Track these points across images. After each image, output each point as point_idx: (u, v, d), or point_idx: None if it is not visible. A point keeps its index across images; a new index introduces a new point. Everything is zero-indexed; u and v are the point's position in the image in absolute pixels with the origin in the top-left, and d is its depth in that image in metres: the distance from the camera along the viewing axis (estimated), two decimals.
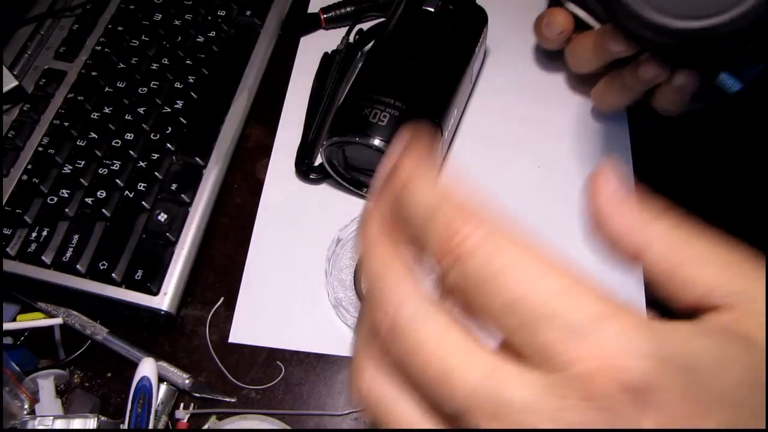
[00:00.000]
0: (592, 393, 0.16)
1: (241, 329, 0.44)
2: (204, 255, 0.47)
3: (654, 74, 0.43)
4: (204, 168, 0.49)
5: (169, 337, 0.44)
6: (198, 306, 0.46)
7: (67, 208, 0.46)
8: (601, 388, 0.16)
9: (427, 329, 0.18)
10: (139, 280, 0.43)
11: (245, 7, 0.57)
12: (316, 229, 0.48)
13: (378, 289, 0.20)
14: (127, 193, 0.47)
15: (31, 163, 0.48)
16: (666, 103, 0.45)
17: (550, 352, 0.17)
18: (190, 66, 0.53)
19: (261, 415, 0.41)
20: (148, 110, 0.51)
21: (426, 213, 0.19)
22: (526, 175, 0.50)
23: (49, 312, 0.44)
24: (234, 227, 0.49)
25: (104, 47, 0.54)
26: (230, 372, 0.43)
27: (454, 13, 0.48)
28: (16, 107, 0.51)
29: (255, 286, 0.46)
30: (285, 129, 0.53)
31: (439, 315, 0.19)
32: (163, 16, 0.56)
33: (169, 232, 0.45)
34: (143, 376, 0.39)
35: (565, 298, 0.17)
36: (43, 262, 0.44)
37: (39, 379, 0.41)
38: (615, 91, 0.47)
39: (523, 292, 0.17)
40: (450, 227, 0.19)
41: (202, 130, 0.50)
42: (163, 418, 0.41)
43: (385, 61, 0.47)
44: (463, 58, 0.48)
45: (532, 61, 0.56)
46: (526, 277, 0.18)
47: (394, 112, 0.43)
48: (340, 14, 0.58)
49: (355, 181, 0.48)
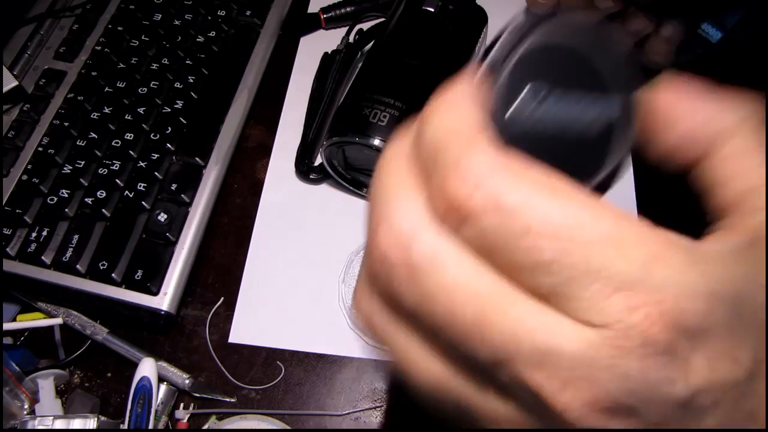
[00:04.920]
0: (649, 339, 0.15)
1: (241, 329, 0.44)
2: (204, 255, 0.47)
3: (640, 27, 0.45)
4: (204, 168, 0.49)
5: (169, 337, 0.44)
6: (198, 306, 0.46)
7: (67, 208, 0.46)
8: (658, 333, 0.15)
9: (452, 269, 0.16)
10: (139, 280, 0.43)
11: (245, 7, 0.57)
12: (315, 229, 0.48)
13: (386, 213, 0.17)
14: (127, 193, 0.47)
15: (31, 163, 0.48)
16: (654, 56, 0.47)
17: (601, 305, 0.16)
18: (190, 66, 0.53)
19: (261, 415, 0.41)
20: (148, 110, 0.51)
21: (435, 144, 0.17)
22: None
23: (49, 312, 0.44)
24: (234, 227, 0.49)
25: (104, 47, 0.54)
26: (230, 372, 0.43)
27: (454, 13, 0.48)
28: (16, 107, 0.51)
29: (255, 286, 0.46)
30: (285, 129, 0.53)
31: (464, 249, 0.16)
32: (163, 16, 0.56)
33: (169, 232, 0.45)
34: (143, 376, 0.39)
35: (607, 245, 0.16)
36: (43, 262, 0.44)
37: (39, 379, 0.41)
38: None
39: (560, 247, 0.16)
40: (458, 167, 0.16)
41: (202, 130, 0.50)
42: (163, 418, 0.41)
43: (385, 61, 0.47)
44: (463, 58, 0.48)
45: None
46: (559, 229, 0.16)
47: (394, 112, 0.43)
48: (340, 14, 0.58)
49: (355, 181, 0.48)
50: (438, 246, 0.17)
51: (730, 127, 0.20)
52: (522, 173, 0.16)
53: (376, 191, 0.18)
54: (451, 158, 0.17)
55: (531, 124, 0.21)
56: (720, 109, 0.20)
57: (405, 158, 0.18)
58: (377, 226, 0.17)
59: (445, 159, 0.17)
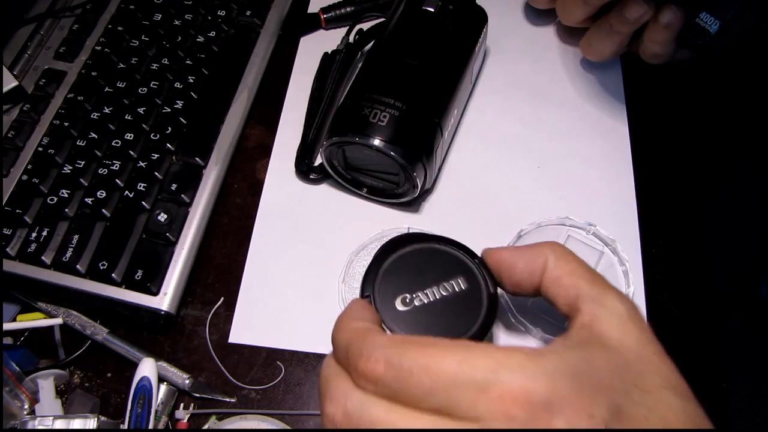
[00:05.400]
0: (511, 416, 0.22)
1: (241, 329, 0.44)
2: (204, 255, 0.47)
3: (640, 13, 0.45)
4: (204, 168, 0.49)
5: (169, 337, 0.44)
6: (198, 306, 0.46)
7: (67, 208, 0.46)
8: (516, 410, 0.22)
9: (374, 412, 0.24)
10: (139, 280, 0.43)
11: (245, 7, 0.57)
12: (315, 229, 0.48)
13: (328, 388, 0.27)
14: (127, 193, 0.47)
15: (31, 163, 0.48)
16: (653, 45, 0.47)
17: (473, 406, 0.22)
18: (190, 66, 0.53)
19: (261, 415, 0.41)
20: (148, 110, 0.51)
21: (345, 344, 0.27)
22: (526, 175, 0.50)
23: (49, 312, 0.44)
24: (234, 227, 0.49)
25: (104, 47, 0.54)
26: (230, 372, 0.43)
27: (454, 13, 0.48)
28: (16, 107, 0.51)
29: (255, 286, 0.46)
30: (285, 129, 0.53)
31: (380, 399, 0.25)
32: (163, 16, 0.56)
33: (169, 232, 0.45)
34: (143, 376, 0.39)
35: (465, 364, 0.23)
36: (43, 262, 0.44)
37: (39, 379, 0.41)
38: (602, 37, 0.50)
39: (434, 377, 0.23)
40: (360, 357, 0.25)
41: (202, 130, 0.50)
42: (163, 418, 0.41)
43: (385, 61, 0.47)
44: (463, 58, 0.48)
45: (532, 61, 0.56)
46: (429, 369, 0.24)
47: (394, 112, 0.43)
48: (340, 14, 0.58)
49: (355, 181, 0.48)
50: (362, 400, 0.25)
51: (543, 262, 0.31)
52: (402, 342, 0.25)
53: (321, 380, 0.28)
54: (355, 350, 0.26)
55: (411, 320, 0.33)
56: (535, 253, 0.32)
57: (332, 361, 0.28)
58: (324, 400, 0.27)
59: (352, 351, 0.26)
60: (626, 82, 0.55)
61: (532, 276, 0.31)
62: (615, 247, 0.45)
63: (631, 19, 0.46)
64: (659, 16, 0.45)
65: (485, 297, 0.33)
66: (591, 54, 0.52)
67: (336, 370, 0.28)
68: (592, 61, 0.54)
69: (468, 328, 0.33)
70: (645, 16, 0.45)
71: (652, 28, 0.46)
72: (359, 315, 0.30)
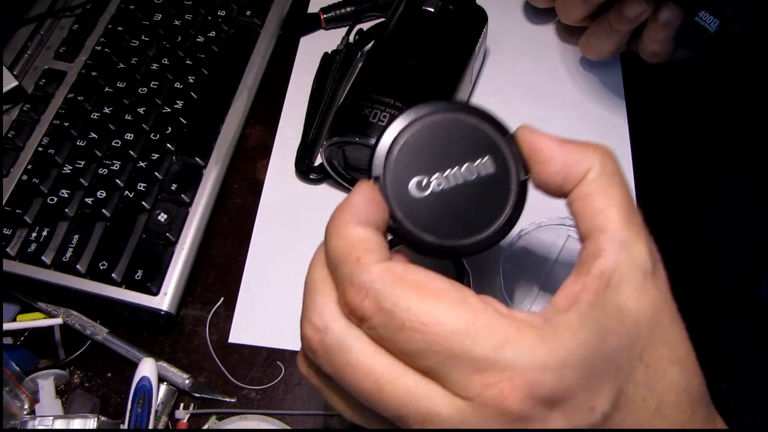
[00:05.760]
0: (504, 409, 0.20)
1: (241, 329, 0.44)
2: (204, 255, 0.47)
3: (639, 11, 0.45)
4: (204, 168, 0.49)
5: (169, 337, 0.44)
6: (198, 306, 0.46)
7: (67, 208, 0.46)
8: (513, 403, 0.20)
9: (355, 351, 0.22)
10: (139, 280, 0.43)
11: (245, 7, 0.57)
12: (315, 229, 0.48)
13: (311, 303, 0.24)
14: (127, 193, 0.47)
15: (31, 163, 0.48)
16: (653, 44, 0.47)
17: (465, 383, 0.20)
18: (190, 66, 0.53)
19: (261, 415, 0.41)
20: (148, 110, 0.51)
21: (335, 260, 0.24)
22: None
23: (49, 312, 0.44)
24: (234, 227, 0.49)
25: (104, 47, 0.54)
26: (230, 372, 0.43)
27: (454, 13, 0.48)
28: (16, 107, 0.51)
29: (255, 286, 0.46)
30: (285, 129, 0.53)
31: (365, 337, 0.22)
32: (163, 16, 0.56)
33: (169, 232, 0.45)
34: (143, 376, 0.39)
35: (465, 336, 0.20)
36: (43, 262, 0.44)
37: (39, 379, 0.41)
38: (601, 36, 0.50)
39: (427, 339, 0.21)
40: (352, 281, 0.22)
41: (202, 130, 0.50)
42: (163, 418, 0.41)
43: (385, 61, 0.47)
44: (462, 58, 0.48)
45: (532, 61, 0.56)
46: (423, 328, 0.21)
47: (394, 112, 0.43)
48: (340, 14, 0.58)
49: (354, 181, 0.48)
50: (344, 335, 0.22)
51: (585, 171, 0.25)
52: (399, 281, 0.22)
53: (306, 284, 0.25)
54: (346, 273, 0.23)
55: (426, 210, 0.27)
56: (583, 154, 0.26)
57: (322, 263, 0.25)
58: (303, 316, 0.24)
59: (342, 273, 0.23)
60: (626, 82, 0.55)
61: (565, 181, 0.26)
62: None
63: (630, 18, 0.46)
64: (658, 14, 0.45)
65: (514, 184, 0.28)
66: (590, 53, 0.52)
67: (323, 278, 0.24)
68: (591, 60, 0.54)
69: (491, 221, 0.27)
70: (644, 15, 0.45)
71: (651, 26, 0.46)
72: (361, 213, 0.25)
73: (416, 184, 0.27)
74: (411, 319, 0.21)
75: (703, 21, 0.44)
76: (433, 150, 0.28)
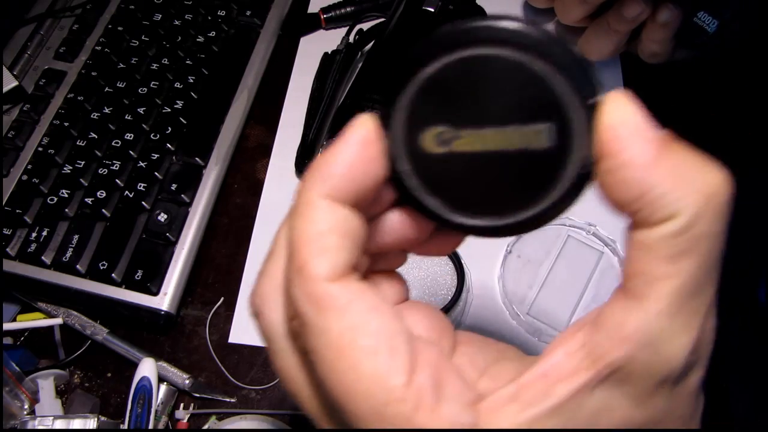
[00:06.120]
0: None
1: (241, 329, 0.44)
2: (204, 255, 0.47)
3: (638, 11, 0.45)
4: (204, 168, 0.49)
5: (169, 337, 0.44)
6: (198, 306, 0.46)
7: (67, 208, 0.46)
8: None
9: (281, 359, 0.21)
10: (139, 280, 0.43)
11: (245, 7, 0.57)
12: None
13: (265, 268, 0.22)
14: (127, 193, 0.47)
15: (31, 163, 0.48)
16: (652, 44, 0.47)
17: None
18: (190, 66, 0.53)
19: (261, 415, 0.41)
20: (148, 110, 0.51)
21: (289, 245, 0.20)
22: None
23: (49, 312, 0.44)
24: (234, 227, 0.49)
25: (104, 47, 0.54)
26: (230, 372, 0.43)
27: (454, 13, 0.48)
28: (16, 107, 0.51)
29: None
30: (285, 129, 0.53)
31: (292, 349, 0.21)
32: (163, 16, 0.56)
33: (169, 232, 0.45)
34: (143, 376, 0.39)
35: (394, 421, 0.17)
36: (43, 262, 0.44)
37: (39, 379, 0.41)
38: (601, 36, 0.50)
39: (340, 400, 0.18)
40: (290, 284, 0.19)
41: (202, 130, 0.50)
42: (163, 418, 0.41)
43: (385, 61, 0.47)
44: None
45: None
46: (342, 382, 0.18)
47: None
48: (340, 14, 0.58)
49: None
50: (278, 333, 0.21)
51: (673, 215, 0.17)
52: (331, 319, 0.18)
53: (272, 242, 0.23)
54: (291, 270, 0.19)
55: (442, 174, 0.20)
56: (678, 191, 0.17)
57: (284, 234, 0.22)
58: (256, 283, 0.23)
59: (289, 268, 0.20)
60: (626, 82, 0.55)
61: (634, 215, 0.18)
62: (615, 247, 0.45)
63: (629, 18, 0.46)
64: (657, 14, 0.45)
65: (569, 172, 0.19)
66: (590, 53, 0.52)
67: (281, 247, 0.22)
68: (591, 59, 0.54)
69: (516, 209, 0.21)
70: (643, 15, 0.45)
71: (650, 26, 0.46)
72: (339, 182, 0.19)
73: (437, 137, 0.20)
74: (327, 377, 0.18)
75: (702, 21, 0.44)
76: (471, 95, 0.20)
